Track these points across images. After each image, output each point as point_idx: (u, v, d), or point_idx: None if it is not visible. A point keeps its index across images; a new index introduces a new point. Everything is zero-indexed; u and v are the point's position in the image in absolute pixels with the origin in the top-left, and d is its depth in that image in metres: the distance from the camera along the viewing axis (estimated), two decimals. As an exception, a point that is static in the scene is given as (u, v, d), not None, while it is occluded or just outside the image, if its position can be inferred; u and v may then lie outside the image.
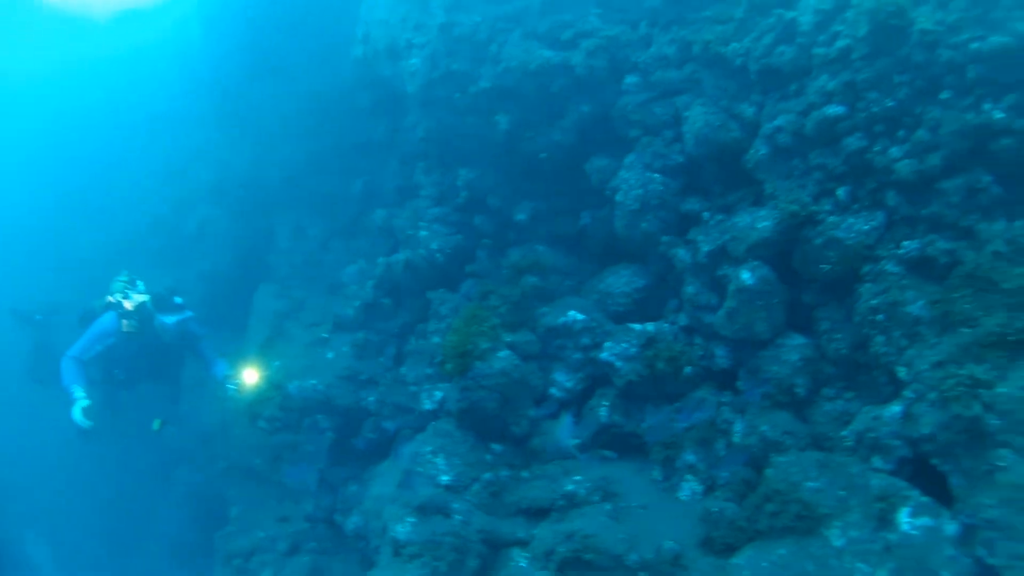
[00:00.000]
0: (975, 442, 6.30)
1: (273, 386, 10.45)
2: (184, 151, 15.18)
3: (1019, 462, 5.99)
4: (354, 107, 13.01)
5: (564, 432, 8.77)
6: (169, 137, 15.45)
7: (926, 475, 6.78)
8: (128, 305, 9.65)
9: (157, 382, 10.72)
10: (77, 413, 9.07)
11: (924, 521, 6.44)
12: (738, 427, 8.16)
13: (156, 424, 9.96)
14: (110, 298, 9.91)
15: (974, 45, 6.78)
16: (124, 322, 9.67)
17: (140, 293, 9.88)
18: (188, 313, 10.26)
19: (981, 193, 6.92)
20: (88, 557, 12.85)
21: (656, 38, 9.78)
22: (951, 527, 6.33)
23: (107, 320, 9.83)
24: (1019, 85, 6.65)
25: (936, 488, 6.63)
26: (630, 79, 9.75)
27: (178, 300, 10.25)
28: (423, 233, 11.35)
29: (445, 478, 8.61)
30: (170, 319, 10.04)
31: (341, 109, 13.08)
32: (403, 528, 7.84)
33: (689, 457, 8.30)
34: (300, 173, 13.46)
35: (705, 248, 8.68)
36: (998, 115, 6.72)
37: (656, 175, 9.30)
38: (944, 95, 7.05)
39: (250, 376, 10.05)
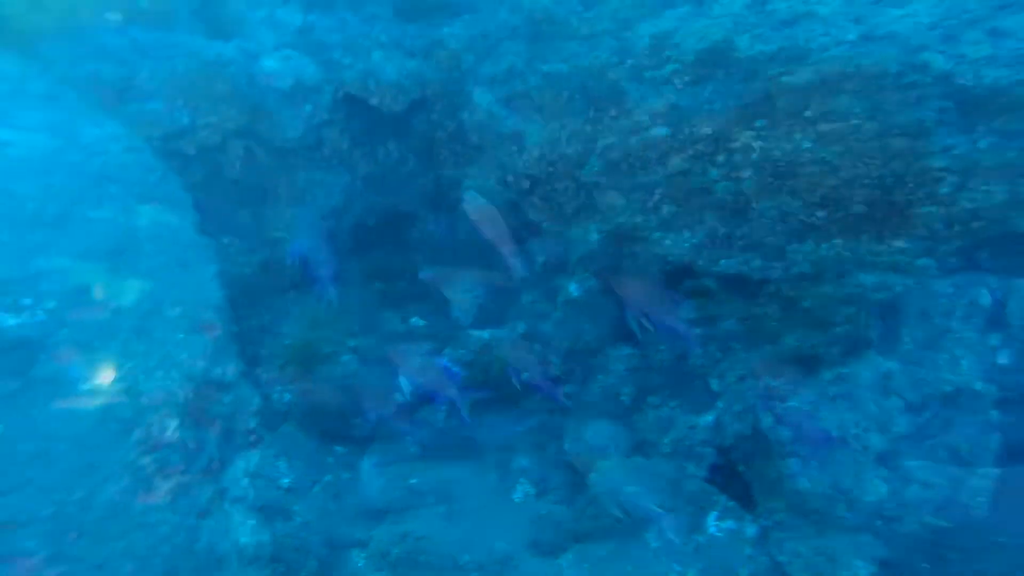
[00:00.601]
0: (769, 451, 6.77)
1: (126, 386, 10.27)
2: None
3: (803, 471, 6.47)
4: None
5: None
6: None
7: (737, 480, 7.26)
8: None
9: None
10: None
11: (729, 524, 6.92)
12: (568, 432, 8.42)
13: None
14: None
15: (785, 78, 7.16)
16: None
17: None
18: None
19: (791, 216, 7.30)
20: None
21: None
22: (751, 529, 6.83)
23: None
24: (824, 118, 7.03)
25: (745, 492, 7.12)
26: (479, 90, 9.88)
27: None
28: (281, 234, 11.28)
29: (286, 480, 8.68)
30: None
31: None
32: (244, 531, 7.95)
33: (523, 461, 8.57)
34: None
35: (541, 259, 8.94)
36: (806, 144, 7.06)
37: (498, 186, 9.47)
38: (759, 123, 7.37)
39: (103, 376, 9.87)
